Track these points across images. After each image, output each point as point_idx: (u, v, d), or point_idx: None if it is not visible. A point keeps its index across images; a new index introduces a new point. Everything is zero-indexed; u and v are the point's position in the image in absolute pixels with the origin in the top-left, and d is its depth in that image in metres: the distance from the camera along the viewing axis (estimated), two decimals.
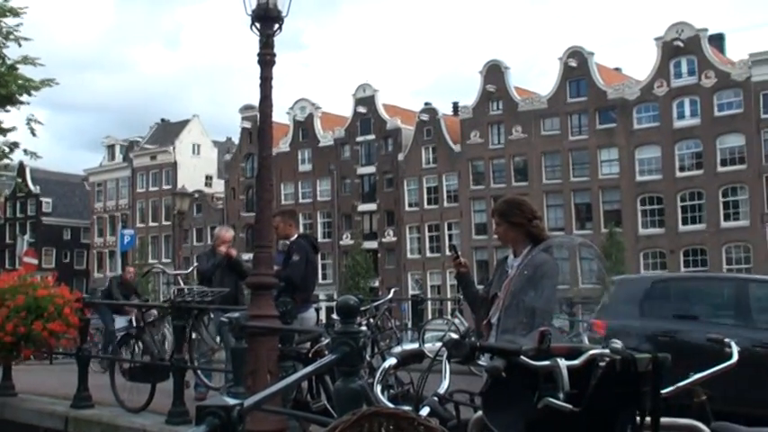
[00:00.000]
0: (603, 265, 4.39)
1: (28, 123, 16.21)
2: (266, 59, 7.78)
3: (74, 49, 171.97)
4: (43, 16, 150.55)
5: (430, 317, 41.67)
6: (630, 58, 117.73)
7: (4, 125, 16.64)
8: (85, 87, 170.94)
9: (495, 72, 64.23)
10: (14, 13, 15.68)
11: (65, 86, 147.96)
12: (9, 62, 15.77)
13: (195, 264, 11.28)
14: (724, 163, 54.66)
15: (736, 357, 3.50)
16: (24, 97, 15.91)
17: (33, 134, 16.26)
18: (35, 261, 23.85)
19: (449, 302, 51.95)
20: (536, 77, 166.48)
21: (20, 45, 15.88)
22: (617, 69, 66.99)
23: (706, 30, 56.81)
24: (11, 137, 16.73)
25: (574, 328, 4.19)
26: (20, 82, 15.60)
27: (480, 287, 5.14)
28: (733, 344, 3.59)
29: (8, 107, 15.91)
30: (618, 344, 2.75)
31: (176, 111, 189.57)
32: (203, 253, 11.92)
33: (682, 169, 56.18)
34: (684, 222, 55.84)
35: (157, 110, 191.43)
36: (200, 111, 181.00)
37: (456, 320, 15.67)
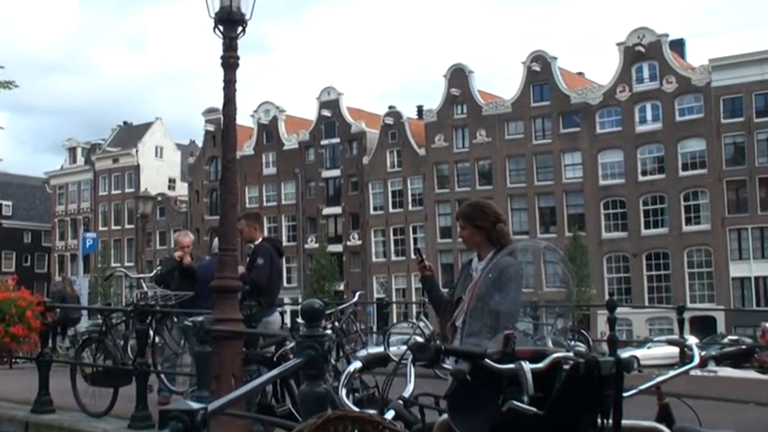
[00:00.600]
0: (568, 268, 4.41)
1: None
2: (230, 62, 7.74)
3: (37, 52, 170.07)
4: (5, 19, 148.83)
5: (395, 320, 41.71)
6: (593, 64, 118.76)
7: None
8: (48, 90, 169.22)
9: (459, 76, 64.50)
10: None
11: (27, 89, 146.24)
12: None
13: (158, 268, 11.19)
14: (685, 167, 55.26)
15: (697, 359, 3.53)
16: None
17: None
18: None
19: (414, 306, 52.10)
20: (501, 82, 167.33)
21: None
22: (580, 74, 67.51)
23: (667, 35, 57.51)
24: None
25: (538, 331, 4.21)
26: None
27: (445, 290, 5.15)
28: (694, 346, 3.62)
29: None
30: (581, 347, 2.78)
31: (140, 113, 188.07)
32: (165, 258, 11.83)
33: (644, 173, 56.75)
34: (647, 226, 56.39)
35: (121, 112, 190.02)
36: (165, 113, 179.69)
37: (421, 324, 15.66)
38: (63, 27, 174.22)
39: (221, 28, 7.72)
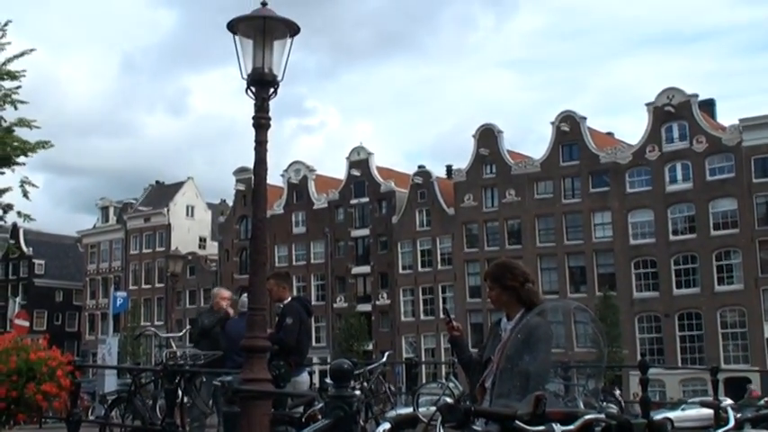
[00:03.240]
0: (599, 329, 4.38)
1: (21, 186, 16.08)
2: (261, 123, 7.86)
3: (77, 114, 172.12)
4: (49, 83, 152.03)
5: (424, 380, 41.29)
6: (622, 124, 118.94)
7: None
8: (88, 151, 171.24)
9: (488, 136, 64.76)
10: (12, 76, 15.72)
11: (68, 151, 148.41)
12: (5, 125, 15.76)
13: (188, 327, 11.22)
14: (717, 227, 54.82)
15: (733, 422, 3.48)
16: (21, 158, 15.87)
17: (26, 197, 16.12)
18: (26, 323, 23.71)
19: (443, 366, 51.56)
20: (534, 143, 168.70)
21: (16, 108, 15.90)
22: (609, 134, 67.58)
23: (696, 95, 57.47)
24: (5, 198, 16.58)
25: (570, 392, 4.17)
26: (15, 144, 15.59)
27: (474, 351, 5.13)
28: (729, 408, 3.58)
29: (3, 169, 15.83)
30: (613, 409, 2.75)
31: (176, 173, 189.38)
32: (203, 311, 11.85)
33: (675, 233, 56.35)
34: (678, 286, 55.80)
35: (158, 172, 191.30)
36: (200, 173, 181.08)
37: (450, 384, 15.49)
38: (103, 91, 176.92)
39: (253, 89, 7.86)
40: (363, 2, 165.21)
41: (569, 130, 60.92)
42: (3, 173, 16.03)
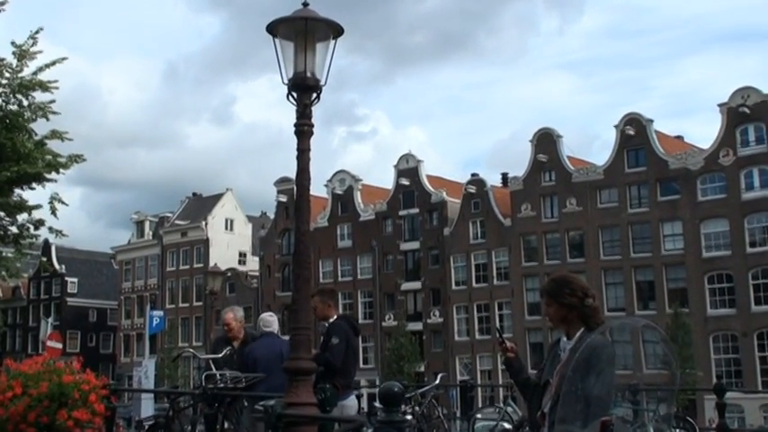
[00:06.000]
0: (670, 349, 4.33)
1: (50, 202, 16.21)
2: (303, 130, 7.88)
3: (118, 126, 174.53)
4: (88, 93, 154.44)
5: (480, 405, 41.20)
6: (693, 127, 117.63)
7: (30, 202, 16.63)
8: (127, 163, 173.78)
9: (546, 141, 64.33)
10: (44, 87, 15.84)
11: (107, 163, 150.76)
12: (37, 138, 15.89)
13: (228, 348, 11.26)
14: None
15: None
16: (52, 174, 16.02)
17: (54, 215, 16.26)
18: (59, 345, 23.98)
19: (501, 389, 51.37)
20: (597, 149, 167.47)
21: (48, 119, 16.06)
22: (678, 137, 66.84)
23: None
24: (36, 214, 16.72)
25: (639, 417, 4.12)
26: (48, 158, 15.71)
27: (533, 372, 5.10)
28: None
29: (34, 185, 15.97)
30: None
31: (219, 184, 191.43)
32: (218, 337, 11.84)
33: (752, 245, 55.46)
34: (757, 302, 54.88)
35: (199, 184, 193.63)
36: (244, 185, 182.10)
37: (509, 409, 15.43)
38: (146, 100, 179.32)
39: (295, 94, 7.90)
40: (420, 2, 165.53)
41: (635, 133, 60.32)
42: (33, 188, 16.22)
